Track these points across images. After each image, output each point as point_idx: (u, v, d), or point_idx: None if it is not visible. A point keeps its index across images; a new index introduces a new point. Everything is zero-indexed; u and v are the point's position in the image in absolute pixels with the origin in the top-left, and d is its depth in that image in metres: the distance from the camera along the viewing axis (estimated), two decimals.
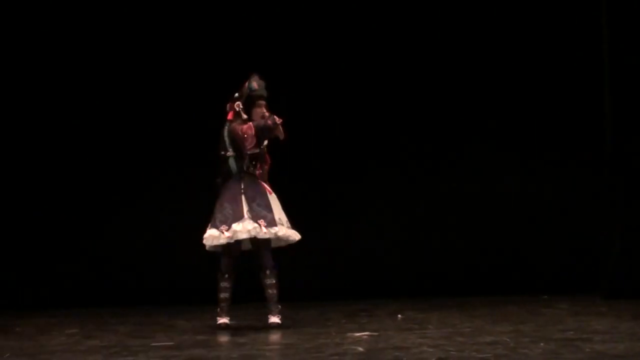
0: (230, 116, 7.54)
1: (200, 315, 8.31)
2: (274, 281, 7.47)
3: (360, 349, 6.08)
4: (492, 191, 10.05)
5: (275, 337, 6.84)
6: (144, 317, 8.45)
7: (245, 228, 7.31)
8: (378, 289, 9.71)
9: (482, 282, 9.83)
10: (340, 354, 5.87)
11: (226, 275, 7.45)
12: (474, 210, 10.03)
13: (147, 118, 9.73)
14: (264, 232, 7.32)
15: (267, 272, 7.45)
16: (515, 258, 9.96)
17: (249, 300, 8.67)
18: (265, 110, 7.48)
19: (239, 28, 9.84)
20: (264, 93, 7.53)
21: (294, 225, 7.56)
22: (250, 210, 7.36)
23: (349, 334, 6.84)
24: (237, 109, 7.49)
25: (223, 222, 7.35)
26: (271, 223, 7.34)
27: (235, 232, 7.31)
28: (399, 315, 8.08)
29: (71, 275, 9.59)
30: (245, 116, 7.48)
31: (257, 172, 7.53)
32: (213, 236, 7.37)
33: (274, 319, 7.44)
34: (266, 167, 7.59)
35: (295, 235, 7.54)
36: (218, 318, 7.47)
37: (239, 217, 7.34)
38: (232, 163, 7.50)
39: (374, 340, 6.51)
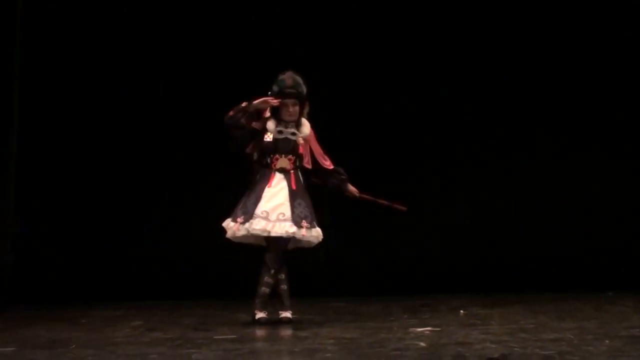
0: (265, 113, 7.54)
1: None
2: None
3: (422, 344, 6.06)
4: (556, 186, 9.97)
5: (337, 331, 6.84)
6: (207, 310, 8.51)
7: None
8: (440, 284, 9.67)
9: (546, 278, 9.75)
10: (402, 349, 5.86)
11: (272, 271, 7.45)
12: (538, 206, 9.94)
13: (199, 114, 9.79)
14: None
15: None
16: (581, 254, 9.86)
17: (308, 295, 8.69)
18: (292, 107, 7.45)
19: (279, 27, 9.83)
20: (297, 89, 7.45)
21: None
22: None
23: (411, 329, 6.83)
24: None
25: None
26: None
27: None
28: (462, 311, 8.03)
29: (136, 268, 9.69)
30: (268, 114, 7.51)
31: (275, 165, 7.49)
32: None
33: (286, 314, 7.49)
34: (288, 161, 7.52)
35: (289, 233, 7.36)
36: (256, 312, 7.42)
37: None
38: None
39: (436, 335, 6.49)
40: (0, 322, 7.73)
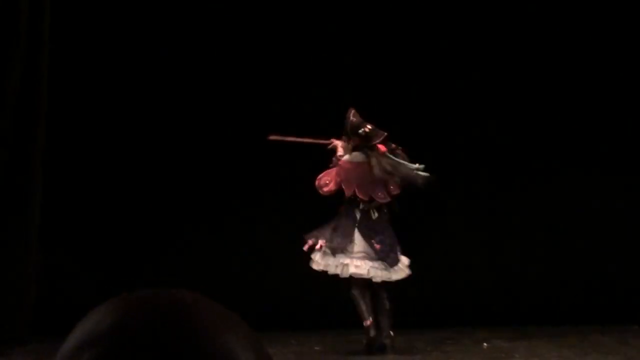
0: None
1: (322, 339, 8.23)
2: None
3: None
4: (582, 219, 9.91)
5: None
6: (273, 342, 8.27)
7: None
8: (464, 316, 9.61)
9: (570, 311, 9.66)
10: None
11: (358, 291, 7.69)
12: (562, 239, 9.88)
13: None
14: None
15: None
16: (606, 287, 9.78)
17: (330, 327, 8.64)
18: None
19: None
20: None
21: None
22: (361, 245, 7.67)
23: None
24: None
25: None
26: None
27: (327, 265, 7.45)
28: (485, 344, 7.97)
29: None
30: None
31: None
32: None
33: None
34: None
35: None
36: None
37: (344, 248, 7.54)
38: None
39: None
40: (22, 355, 7.73)
